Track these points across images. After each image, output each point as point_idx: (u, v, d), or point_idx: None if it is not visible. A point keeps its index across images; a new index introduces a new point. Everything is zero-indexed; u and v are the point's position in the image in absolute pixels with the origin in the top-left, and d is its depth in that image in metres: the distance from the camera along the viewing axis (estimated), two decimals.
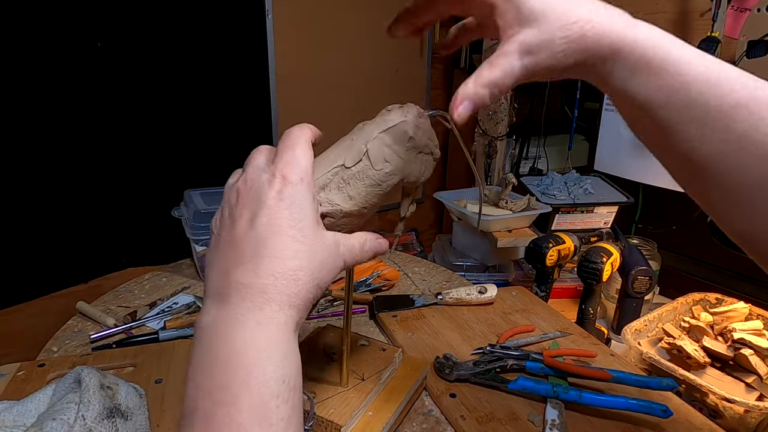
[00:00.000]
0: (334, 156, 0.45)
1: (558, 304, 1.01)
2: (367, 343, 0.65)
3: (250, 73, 1.27)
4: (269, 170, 0.36)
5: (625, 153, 1.18)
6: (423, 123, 0.46)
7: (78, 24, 0.97)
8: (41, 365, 0.66)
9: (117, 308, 0.87)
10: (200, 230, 0.92)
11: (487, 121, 1.49)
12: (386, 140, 0.45)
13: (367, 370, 0.59)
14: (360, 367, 0.60)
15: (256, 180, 0.36)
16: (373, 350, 0.63)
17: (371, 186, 0.45)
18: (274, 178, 0.36)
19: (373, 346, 0.64)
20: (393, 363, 0.61)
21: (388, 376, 0.60)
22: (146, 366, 0.67)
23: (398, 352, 0.63)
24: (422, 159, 0.47)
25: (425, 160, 0.47)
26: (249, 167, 0.38)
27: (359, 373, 0.58)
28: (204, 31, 1.15)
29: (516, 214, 1.14)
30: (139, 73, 1.07)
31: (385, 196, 0.46)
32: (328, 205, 0.44)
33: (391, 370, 0.61)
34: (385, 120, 0.45)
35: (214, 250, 0.37)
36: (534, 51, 0.33)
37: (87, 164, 1.04)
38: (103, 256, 1.10)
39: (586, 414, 0.60)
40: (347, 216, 0.45)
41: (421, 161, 0.47)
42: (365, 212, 0.46)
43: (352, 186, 0.44)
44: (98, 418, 0.49)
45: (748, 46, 0.86)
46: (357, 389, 0.56)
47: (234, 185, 0.38)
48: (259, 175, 0.36)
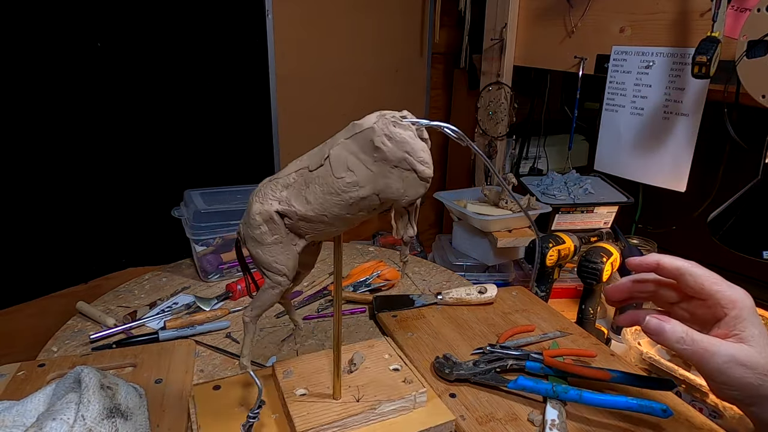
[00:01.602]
0: (307, 157, 0.43)
1: (558, 304, 1.01)
2: (399, 368, 0.61)
3: (250, 73, 1.27)
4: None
5: (625, 153, 1.18)
6: (398, 134, 0.40)
7: (78, 24, 0.97)
8: (41, 365, 0.66)
9: (117, 308, 0.87)
10: (200, 230, 0.92)
11: (487, 121, 1.49)
12: (351, 147, 0.41)
13: (371, 393, 0.56)
14: (367, 388, 0.57)
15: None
16: (396, 378, 0.59)
17: (330, 194, 0.41)
18: None
19: (401, 373, 0.60)
20: (405, 399, 0.56)
21: (392, 409, 0.55)
22: (146, 366, 0.67)
23: (420, 390, 0.57)
24: (401, 175, 0.41)
25: (405, 177, 0.40)
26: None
27: (358, 393, 0.56)
28: (204, 31, 1.15)
29: (516, 214, 1.14)
30: (140, 74, 1.07)
31: (354, 208, 0.42)
32: (286, 204, 0.43)
33: (399, 405, 0.56)
34: (354, 126, 0.41)
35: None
36: (740, 364, 0.38)
37: (87, 164, 1.04)
38: (103, 256, 1.10)
39: (586, 414, 0.60)
40: (304, 220, 0.43)
41: (400, 177, 0.41)
42: (326, 220, 0.43)
43: (311, 190, 0.42)
44: (98, 418, 0.49)
45: (748, 46, 0.86)
46: (344, 406, 0.54)
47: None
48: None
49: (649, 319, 0.41)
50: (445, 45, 1.68)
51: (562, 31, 1.27)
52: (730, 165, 1.11)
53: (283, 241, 0.45)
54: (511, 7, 1.36)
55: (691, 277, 0.41)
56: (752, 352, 0.38)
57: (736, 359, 0.38)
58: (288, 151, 1.37)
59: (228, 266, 0.98)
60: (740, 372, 0.38)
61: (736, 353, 0.38)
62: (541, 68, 1.38)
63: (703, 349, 0.39)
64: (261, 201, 0.44)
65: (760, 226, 0.82)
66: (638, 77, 1.12)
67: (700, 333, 0.40)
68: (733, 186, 0.89)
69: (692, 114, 1.04)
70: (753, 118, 0.96)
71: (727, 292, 0.40)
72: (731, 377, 0.38)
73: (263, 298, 0.49)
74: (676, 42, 1.04)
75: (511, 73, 1.43)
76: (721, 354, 0.38)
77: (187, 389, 0.63)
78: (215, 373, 0.69)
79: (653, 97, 1.10)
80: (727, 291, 0.40)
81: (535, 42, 1.36)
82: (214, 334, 0.79)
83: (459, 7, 1.54)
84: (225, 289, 0.91)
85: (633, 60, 1.12)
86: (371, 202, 0.42)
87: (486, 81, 1.47)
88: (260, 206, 0.44)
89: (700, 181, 1.09)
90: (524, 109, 1.51)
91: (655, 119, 1.10)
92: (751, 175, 0.91)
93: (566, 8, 1.23)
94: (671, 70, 1.06)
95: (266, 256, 0.46)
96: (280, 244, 0.45)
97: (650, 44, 1.09)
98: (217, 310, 0.84)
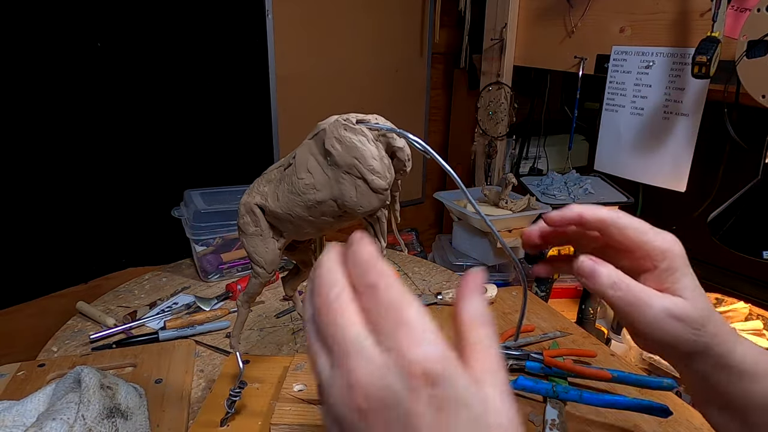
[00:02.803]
0: (291, 154, 0.44)
1: (558, 304, 1.01)
2: None
3: (250, 73, 1.27)
4: (387, 366, 0.22)
5: (625, 153, 1.18)
6: (347, 138, 0.36)
7: (78, 24, 0.97)
8: (41, 365, 0.66)
9: (117, 308, 0.87)
10: (200, 230, 0.92)
11: (487, 121, 1.49)
12: (312, 149, 0.40)
13: None
14: None
15: (381, 392, 0.22)
16: None
17: (292, 193, 0.41)
18: (411, 378, 0.22)
19: None
20: None
21: None
22: (146, 366, 0.67)
23: None
24: (354, 183, 0.37)
25: (358, 186, 0.37)
26: (343, 356, 0.23)
27: None
28: (204, 31, 1.15)
29: (516, 214, 1.14)
30: (139, 74, 1.07)
31: (316, 212, 0.40)
32: (264, 199, 0.43)
33: None
34: (317, 126, 0.40)
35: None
36: (674, 318, 0.35)
37: (87, 164, 1.04)
38: (103, 256, 1.10)
39: (586, 414, 0.60)
40: (273, 216, 0.43)
41: (353, 185, 0.37)
42: (292, 219, 0.42)
43: (281, 188, 0.42)
44: (98, 417, 0.49)
45: (748, 46, 0.86)
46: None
47: (348, 400, 0.23)
48: (387, 384, 0.22)
49: (583, 260, 0.37)
50: (445, 45, 1.68)
51: (562, 31, 1.27)
52: (730, 165, 1.11)
53: (263, 234, 0.46)
54: (511, 7, 1.36)
55: (616, 229, 0.37)
56: (687, 306, 0.36)
57: (670, 313, 0.35)
58: (288, 151, 1.36)
59: (228, 266, 0.98)
60: (674, 326, 0.35)
61: (671, 306, 0.35)
62: (541, 68, 1.38)
63: (637, 298, 0.35)
64: (248, 192, 0.46)
65: (760, 226, 0.82)
66: (638, 77, 1.12)
67: (635, 281, 0.36)
68: (733, 186, 0.90)
69: (692, 114, 1.04)
70: (753, 118, 0.96)
71: (656, 242, 0.36)
72: (665, 332, 0.35)
73: (249, 285, 0.50)
74: (676, 42, 1.04)
75: (511, 73, 1.43)
76: (655, 306, 0.35)
77: (186, 389, 0.63)
78: (215, 373, 0.69)
79: (653, 97, 1.10)
80: (657, 241, 0.36)
81: (535, 42, 1.36)
82: (214, 334, 0.79)
83: (459, 7, 1.54)
84: (225, 289, 0.91)
85: (633, 60, 1.12)
86: (331, 208, 0.39)
87: (486, 81, 1.47)
88: (246, 197, 0.46)
89: (700, 181, 1.09)
90: (524, 109, 1.51)
91: (655, 119, 1.10)
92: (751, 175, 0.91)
93: (566, 8, 1.23)
94: (671, 70, 1.06)
95: (249, 246, 0.47)
96: (260, 236, 0.46)
97: (650, 44, 1.09)
98: (217, 310, 0.84)
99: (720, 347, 0.36)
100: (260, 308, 0.87)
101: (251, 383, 0.60)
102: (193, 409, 0.60)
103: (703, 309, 0.36)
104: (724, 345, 0.37)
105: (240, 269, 0.99)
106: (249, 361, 0.64)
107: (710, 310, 0.37)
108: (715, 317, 0.37)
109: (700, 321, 0.36)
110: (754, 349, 0.38)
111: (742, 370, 0.37)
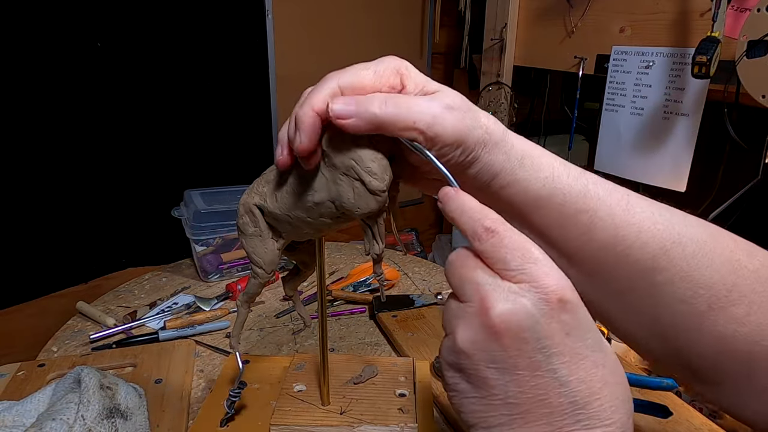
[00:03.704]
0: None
1: None
2: (406, 394, 0.55)
3: (250, 73, 1.27)
4: (522, 293, 0.26)
5: (625, 153, 1.18)
6: (343, 135, 0.35)
7: (78, 24, 0.97)
8: (41, 365, 0.66)
9: (117, 308, 0.87)
10: (200, 230, 0.92)
11: None
12: None
13: (359, 410, 0.53)
14: (360, 403, 0.54)
15: (518, 315, 0.25)
16: (394, 403, 0.54)
17: (292, 194, 0.40)
18: (546, 303, 0.26)
19: (404, 400, 0.55)
20: (389, 428, 0.51)
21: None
22: (146, 366, 0.67)
23: (410, 424, 0.51)
24: (351, 184, 0.36)
25: (356, 187, 0.36)
26: (475, 292, 0.27)
27: (347, 406, 0.53)
28: (204, 31, 1.15)
29: None
30: (139, 74, 1.07)
31: (314, 213, 0.40)
32: (263, 200, 0.43)
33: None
34: None
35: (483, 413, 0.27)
36: (445, 109, 0.33)
37: (87, 164, 1.04)
38: (103, 256, 1.10)
39: None
40: (272, 217, 0.43)
41: (351, 186, 0.36)
42: (291, 221, 0.42)
43: (283, 188, 0.41)
44: (98, 418, 0.49)
45: (748, 46, 0.86)
46: (326, 414, 0.52)
47: (482, 320, 0.26)
48: (523, 307, 0.26)
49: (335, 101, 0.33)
50: (445, 45, 1.68)
51: (562, 31, 1.27)
52: (730, 165, 1.11)
53: (262, 235, 0.46)
54: (511, 7, 1.36)
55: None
56: (451, 93, 0.34)
57: (444, 104, 0.33)
58: None
59: (228, 266, 0.98)
60: (452, 117, 0.32)
61: (441, 98, 0.33)
62: (541, 68, 1.38)
63: (408, 105, 0.32)
64: (247, 193, 0.45)
65: (760, 226, 0.82)
66: (638, 77, 1.12)
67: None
68: (733, 186, 0.90)
69: (692, 114, 1.04)
70: (753, 118, 0.96)
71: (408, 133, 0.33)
72: (445, 127, 0.32)
73: (248, 285, 0.50)
74: (676, 42, 1.04)
75: (511, 73, 1.43)
76: (431, 105, 0.33)
77: (186, 389, 0.63)
78: (215, 373, 0.69)
79: (653, 97, 1.10)
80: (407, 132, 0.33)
81: (535, 42, 1.36)
82: (214, 334, 0.79)
83: (459, 7, 1.54)
84: (225, 289, 0.91)
85: (633, 60, 1.12)
86: (329, 209, 0.39)
87: (486, 81, 1.47)
88: (245, 197, 0.45)
89: (700, 181, 1.09)
90: (524, 109, 1.51)
91: (655, 119, 1.10)
92: (751, 175, 0.92)
93: (566, 8, 1.23)
94: (671, 70, 1.06)
95: (248, 246, 0.47)
96: (259, 237, 0.46)
97: (650, 44, 1.09)
98: (217, 310, 0.84)
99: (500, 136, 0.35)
100: (260, 308, 0.87)
101: (251, 383, 0.60)
102: (193, 409, 0.60)
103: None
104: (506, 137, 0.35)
105: (240, 269, 0.99)
106: (249, 361, 0.64)
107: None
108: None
109: (471, 105, 0.34)
110: (528, 144, 0.36)
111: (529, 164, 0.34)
